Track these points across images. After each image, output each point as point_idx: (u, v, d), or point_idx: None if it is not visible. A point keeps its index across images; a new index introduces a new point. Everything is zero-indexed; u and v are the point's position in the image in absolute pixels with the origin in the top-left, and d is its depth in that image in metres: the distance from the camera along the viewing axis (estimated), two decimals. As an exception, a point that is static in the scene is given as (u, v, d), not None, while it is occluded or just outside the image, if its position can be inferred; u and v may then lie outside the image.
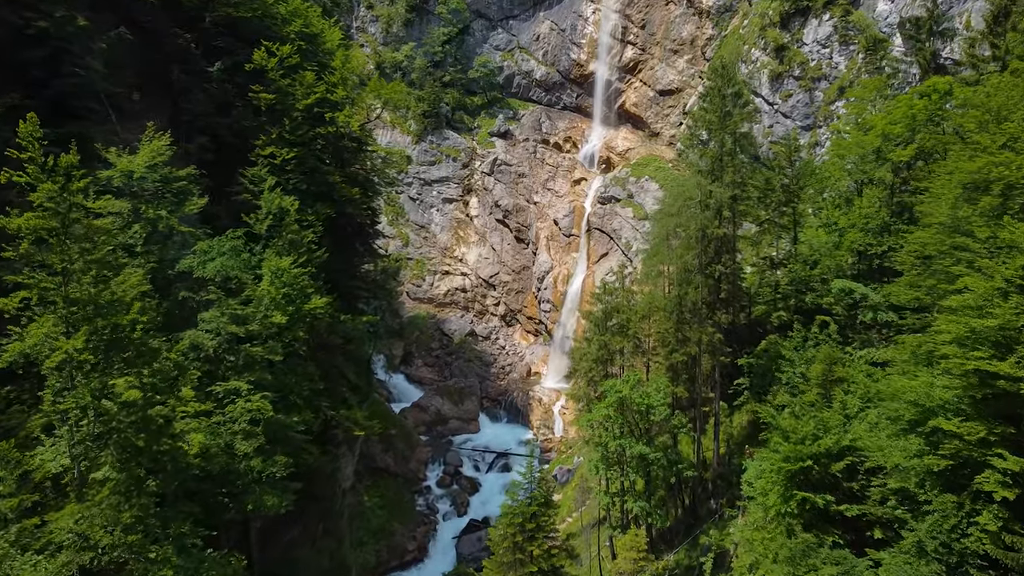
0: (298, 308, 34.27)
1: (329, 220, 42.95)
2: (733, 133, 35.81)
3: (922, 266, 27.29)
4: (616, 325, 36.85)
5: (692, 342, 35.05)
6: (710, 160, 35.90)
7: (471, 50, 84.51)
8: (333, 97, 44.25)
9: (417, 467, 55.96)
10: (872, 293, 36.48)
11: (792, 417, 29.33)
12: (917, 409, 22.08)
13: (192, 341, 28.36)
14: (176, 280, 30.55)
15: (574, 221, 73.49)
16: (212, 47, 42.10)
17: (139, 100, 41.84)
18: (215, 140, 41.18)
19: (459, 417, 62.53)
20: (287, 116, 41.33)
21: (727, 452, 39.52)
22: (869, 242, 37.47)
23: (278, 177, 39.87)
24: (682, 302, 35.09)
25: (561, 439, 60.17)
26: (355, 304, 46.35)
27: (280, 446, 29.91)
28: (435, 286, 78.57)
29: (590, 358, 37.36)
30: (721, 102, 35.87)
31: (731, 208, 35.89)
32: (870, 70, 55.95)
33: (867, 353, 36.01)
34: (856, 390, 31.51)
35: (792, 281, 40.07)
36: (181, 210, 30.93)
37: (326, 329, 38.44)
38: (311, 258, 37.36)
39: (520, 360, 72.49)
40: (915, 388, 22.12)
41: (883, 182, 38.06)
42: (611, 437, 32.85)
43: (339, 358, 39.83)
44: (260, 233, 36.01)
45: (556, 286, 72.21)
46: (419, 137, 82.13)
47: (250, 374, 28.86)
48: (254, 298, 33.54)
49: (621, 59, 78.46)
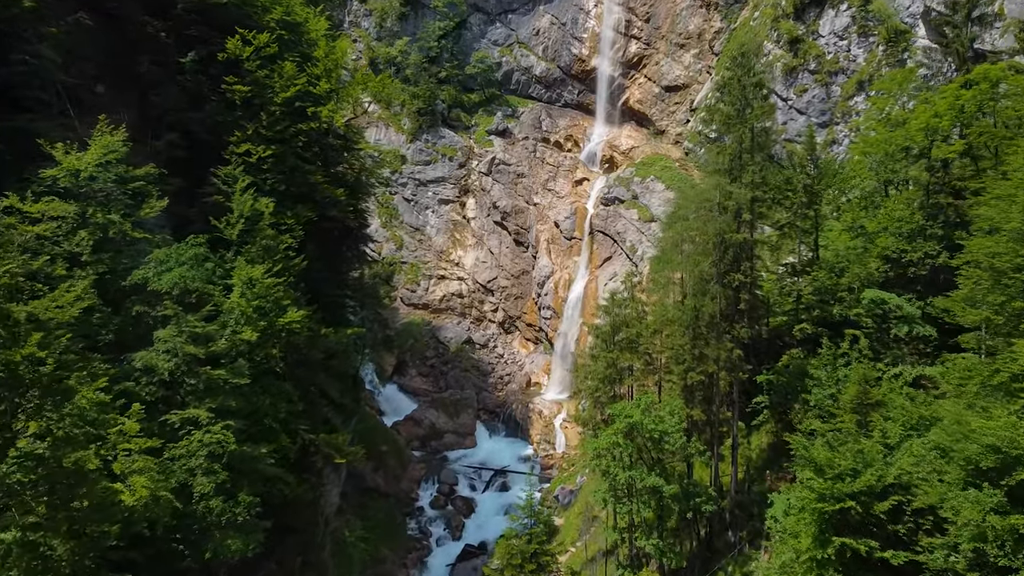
0: (271, 322, 30.83)
1: (312, 224, 39.60)
2: (753, 128, 32.35)
3: (991, 279, 23.59)
4: (625, 340, 33.36)
5: (710, 359, 31.59)
6: (728, 158, 32.43)
7: (468, 45, 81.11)
8: (316, 90, 40.84)
9: (409, 486, 52.52)
10: (906, 304, 33.06)
11: (826, 448, 25.87)
12: (998, 457, 18.57)
13: (145, 363, 24.91)
14: (132, 293, 27.10)
15: (576, 223, 70.07)
16: (185, 36, 38.71)
17: (103, 93, 38.50)
18: (187, 137, 37.85)
19: (455, 431, 59.07)
20: (264, 111, 37.98)
21: (746, 478, 36.09)
22: (902, 248, 34.05)
23: (254, 177, 36.50)
24: (698, 315, 31.62)
25: (563, 455, 56.71)
26: (341, 314, 42.92)
27: (247, 480, 26.45)
28: (430, 291, 75.11)
29: (596, 377, 33.86)
30: (740, 93, 32.43)
31: (751, 211, 32.43)
32: (891, 63, 52.55)
33: (901, 371, 32.64)
34: (896, 415, 28.07)
35: (816, 290, 36.61)
36: (137, 214, 27.50)
37: (305, 344, 34.98)
38: (288, 266, 33.96)
39: (519, 370, 69.03)
40: (995, 431, 18.62)
41: (918, 182, 34.63)
42: (620, 468, 29.40)
43: (320, 375, 36.40)
44: (231, 239, 32.61)
45: (557, 292, 68.78)
46: (414, 136, 78.72)
47: (211, 400, 25.38)
48: (223, 311, 30.20)
49: (625, 54, 75.05)
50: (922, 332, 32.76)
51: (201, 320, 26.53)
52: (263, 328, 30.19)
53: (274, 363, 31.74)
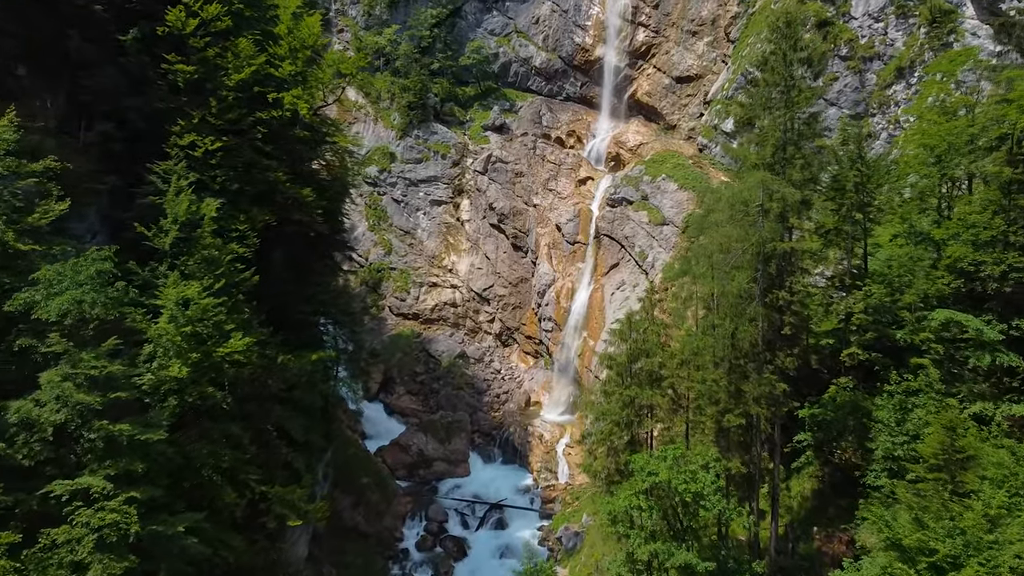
0: (208, 353, 24.91)
1: (274, 229, 33.80)
2: (803, 114, 26.45)
3: None
4: (644, 372, 27.34)
5: (749, 397, 25.65)
6: (771, 150, 26.52)
7: (463, 34, 75.22)
8: (279, 73, 35.04)
9: (393, 523, 46.53)
10: (987, 328, 27.18)
11: (914, 524, 19.97)
12: None
13: (22, 416, 18.97)
14: (20, 320, 21.19)
15: (579, 226, 64.13)
16: (125, 10, 32.84)
17: (24, 76, 32.75)
18: (124, 127, 32.07)
19: (446, 458, 53.07)
20: (215, 96, 32.15)
21: (788, 534, 30.18)
22: (981, 259, 28.17)
23: (200, 174, 30.70)
24: (736, 343, 25.70)
25: (567, 486, 50.74)
26: (310, 335, 37.05)
27: (165, 565, 20.52)
28: (421, 300, 69.12)
29: (610, 419, 27.77)
30: (785, 71, 26.51)
31: (799, 214, 26.52)
32: (935, 47, 46.65)
33: (982, 409, 26.81)
34: (992, 473, 22.21)
35: (869, 308, 30.73)
36: (24, 219, 21.59)
37: (259, 374, 29.12)
38: (235, 281, 28.06)
39: (518, 387, 63.04)
40: None
41: (997, 178, 28.74)
42: (640, 538, 23.46)
43: (278, 410, 30.47)
44: (163, 249, 26.73)
45: (559, 301, 62.82)
46: (404, 132, 72.80)
47: (112, 464, 19.44)
48: (151, 338, 24.37)
49: (632, 43, 69.16)
50: (1007, 362, 26.91)
51: (105, 356, 20.55)
52: (196, 361, 24.32)
53: (217, 401, 25.89)
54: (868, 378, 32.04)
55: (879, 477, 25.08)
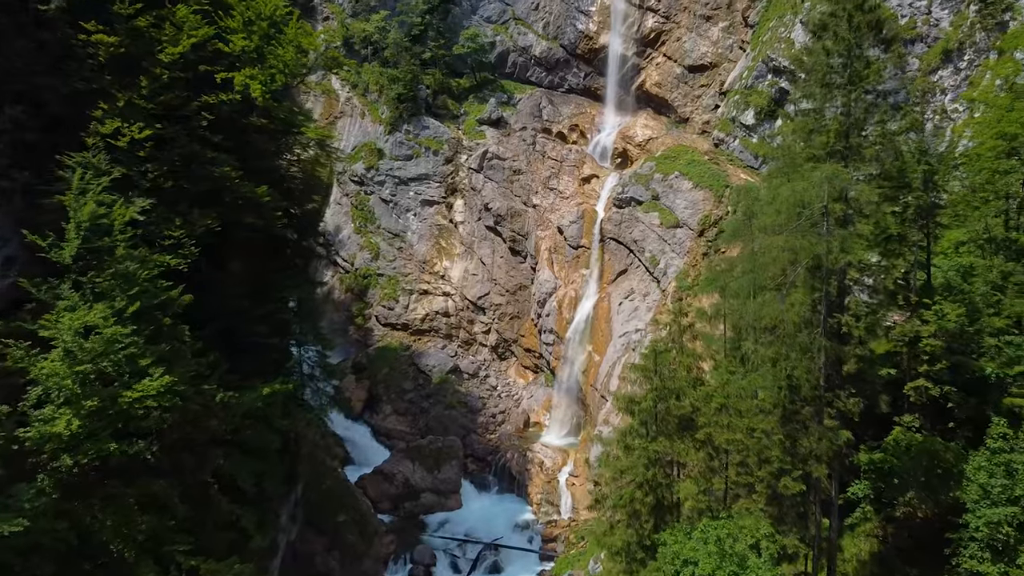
0: (112, 397, 19.37)
1: (223, 235, 28.24)
2: (873, 91, 20.91)
3: None
4: (674, 418, 21.62)
5: (810, 454, 20.06)
6: (832, 137, 20.94)
7: (457, 22, 69.58)
8: (229, 48, 29.51)
9: (374, 568, 40.93)
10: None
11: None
12: None
13: None
14: None
15: (583, 229, 58.52)
16: (46, -27, 27.36)
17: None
18: (41, 111, 26.59)
19: (435, 489, 47.46)
20: (147, 74, 26.61)
21: (845, 611, 24.63)
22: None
23: (127, 168, 25.18)
24: (792, 383, 20.12)
25: (570, 522, 45.14)
26: (268, 359, 31.44)
27: None
28: (411, 309, 63.50)
29: (632, 480, 21.97)
30: (852, 38, 20.93)
31: (871, 217, 20.92)
32: (988, 26, 41.16)
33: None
34: None
35: (940, 332, 25.19)
36: None
37: (194, 416, 23.53)
38: (160, 301, 22.50)
39: (516, 406, 57.43)
40: None
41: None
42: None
43: (220, 456, 24.90)
44: (63, 263, 21.20)
45: (561, 311, 57.21)
46: (393, 126, 67.17)
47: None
48: (38, 378, 18.95)
49: (640, 29, 63.58)
50: None
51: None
52: (95, 409, 18.77)
53: (134, 454, 20.41)
54: (939, 417, 26.52)
55: (982, 561, 19.56)
